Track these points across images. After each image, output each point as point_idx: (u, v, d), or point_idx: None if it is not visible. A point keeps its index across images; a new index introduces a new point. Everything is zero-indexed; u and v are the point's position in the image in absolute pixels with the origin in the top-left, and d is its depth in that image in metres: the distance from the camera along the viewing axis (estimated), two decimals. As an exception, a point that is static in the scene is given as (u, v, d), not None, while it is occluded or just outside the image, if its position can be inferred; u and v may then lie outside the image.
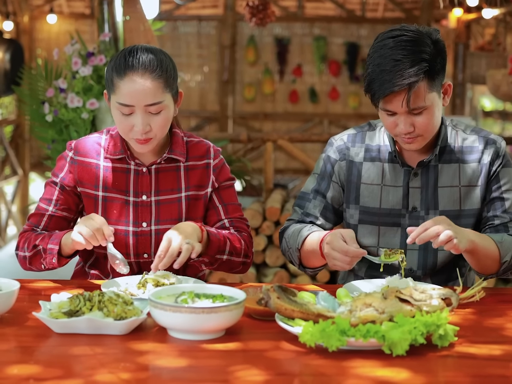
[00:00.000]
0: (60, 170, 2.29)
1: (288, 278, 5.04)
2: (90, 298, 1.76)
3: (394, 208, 2.28)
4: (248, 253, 2.30)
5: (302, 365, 1.59)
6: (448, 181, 2.27)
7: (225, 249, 2.21)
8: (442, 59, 2.13)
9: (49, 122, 4.50)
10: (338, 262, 2.05)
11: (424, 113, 2.12)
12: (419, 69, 2.06)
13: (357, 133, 2.36)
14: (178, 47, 9.64)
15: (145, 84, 2.11)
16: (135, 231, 2.25)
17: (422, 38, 2.11)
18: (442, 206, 2.26)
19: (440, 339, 1.65)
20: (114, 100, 2.15)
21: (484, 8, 7.76)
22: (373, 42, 2.17)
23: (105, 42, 4.55)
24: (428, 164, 2.27)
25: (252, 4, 6.51)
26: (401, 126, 2.14)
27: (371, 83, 2.11)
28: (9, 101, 9.14)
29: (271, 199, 5.35)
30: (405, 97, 2.07)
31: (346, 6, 9.72)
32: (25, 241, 2.25)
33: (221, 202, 2.33)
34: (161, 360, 1.58)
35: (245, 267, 2.32)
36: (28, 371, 1.50)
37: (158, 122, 2.15)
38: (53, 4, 9.25)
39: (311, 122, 9.83)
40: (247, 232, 2.34)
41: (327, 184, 2.35)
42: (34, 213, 2.30)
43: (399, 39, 2.09)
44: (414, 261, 2.28)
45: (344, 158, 2.33)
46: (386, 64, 2.08)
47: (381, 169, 2.30)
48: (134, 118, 2.13)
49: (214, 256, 2.18)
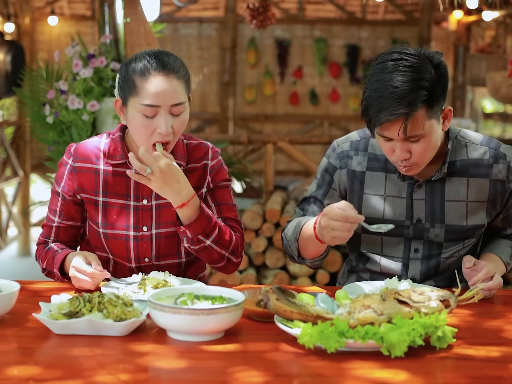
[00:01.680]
0: (61, 178, 2.30)
1: (288, 280, 5.04)
2: (90, 299, 1.77)
3: (397, 219, 2.24)
4: (236, 251, 2.25)
5: (301, 366, 1.60)
6: (456, 195, 2.22)
7: (211, 234, 2.15)
8: (442, 85, 2.05)
9: (50, 123, 4.50)
10: (337, 232, 1.94)
11: (421, 140, 2.06)
12: (417, 97, 1.98)
13: (360, 139, 2.31)
14: (179, 49, 9.64)
15: (171, 84, 2.10)
16: (135, 235, 2.25)
17: (423, 63, 2.02)
18: (449, 221, 2.23)
19: (438, 340, 1.66)
20: (137, 103, 2.10)
21: (484, 10, 7.77)
22: (373, 62, 2.10)
23: (106, 44, 4.56)
24: None
25: (253, 6, 6.52)
26: (397, 152, 2.08)
27: (367, 109, 2.04)
28: (10, 103, 9.14)
29: (271, 201, 5.36)
30: (402, 125, 2.01)
31: (347, 8, 9.73)
32: (39, 256, 2.34)
33: (214, 202, 2.30)
34: (161, 361, 1.58)
35: (230, 266, 2.26)
36: (28, 372, 1.51)
37: (178, 124, 2.13)
38: (54, 6, 9.27)
39: (311, 124, 9.83)
40: (240, 233, 2.31)
41: (326, 191, 2.33)
42: (45, 224, 2.36)
43: (399, 63, 2.01)
44: (417, 270, 2.27)
45: (345, 167, 2.30)
46: (384, 90, 2.00)
47: (384, 179, 2.26)
48: (157, 120, 2.10)
49: (197, 236, 2.14)
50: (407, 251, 2.26)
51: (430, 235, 2.24)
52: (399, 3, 9.46)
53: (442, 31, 10.02)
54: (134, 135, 2.17)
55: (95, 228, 2.27)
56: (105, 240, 2.27)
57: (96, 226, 2.26)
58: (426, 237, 2.25)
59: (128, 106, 2.14)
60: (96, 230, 2.27)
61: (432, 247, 2.26)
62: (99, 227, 2.26)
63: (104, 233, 2.26)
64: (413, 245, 2.26)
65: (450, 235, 2.24)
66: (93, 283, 2.06)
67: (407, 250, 2.26)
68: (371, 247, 2.30)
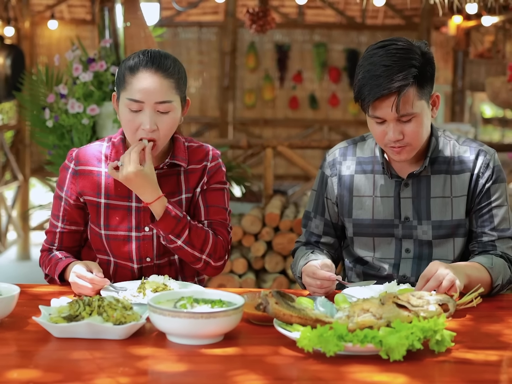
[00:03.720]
0: (63, 182, 2.31)
1: (287, 284, 5.04)
2: (89, 303, 1.77)
3: (386, 219, 2.29)
4: (214, 254, 2.25)
5: (300, 370, 1.60)
6: (441, 191, 2.27)
7: (181, 234, 2.19)
8: (431, 68, 2.15)
9: (49, 127, 4.51)
10: (311, 288, 2.13)
11: (413, 120, 2.13)
12: (408, 73, 2.08)
13: (348, 146, 2.38)
14: (179, 53, 9.65)
15: (157, 81, 2.15)
16: (137, 236, 2.27)
17: (412, 47, 2.13)
18: (434, 216, 2.26)
19: (437, 344, 1.66)
20: (124, 97, 2.17)
21: (483, 16, 7.79)
22: (363, 54, 2.19)
23: (106, 48, 4.57)
24: (419, 175, 2.27)
25: (253, 10, 6.54)
26: (390, 133, 2.14)
27: (361, 89, 2.13)
28: (10, 107, 9.15)
29: (271, 205, 5.36)
30: (394, 101, 2.08)
31: (346, 13, 9.75)
32: (43, 263, 2.36)
33: (204, 204, 2.31)
34: (160, 365, 1.59)
35: (209, 268, 2.26)
36: (28, 375, 1.51)
37: (165, 122, 2.16)
38: (54, 10, 9.28)
39: (311, 128, 9.84)
40: (224, 236, 2.30)
41: (323, 202, 2.39)
42: (49, 230, 2.38)
43: (389, 47, 2.12)
44: (408, 268, 2.29)
45: (335, 174, 2.36)
46: (376, 70, 2.10)
47: (372, 180, 2.31)
48: (142, 116, 2.15)
49: (168, 235, 2.19)
50: (399, 251, 2.28)
51: (419, 233, 2.27)
52: (398, 8, 9.47)
53: (442, 36, 10.04)
54: (124, 130, 2.24)
55: (97, 230, 2.28)
56: (107, 242, 2.28)
57: (98, 228, 2.28)
58: (415, 235, 2.28)
59: (119, 100, 2.22)
60: (98, 232, 2.28)
61: (422, 246, 2.28)
62: (101, 229, 2.27)
63: (106, 235, 2.27)
64: (404, 245, 2.29)
65: (437, 231, 2.26)
66: (92, 289, 2.07)
67: (398, 250, 2.29)
68: (364, 250, 2.32)
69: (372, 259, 2.32)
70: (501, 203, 2.27)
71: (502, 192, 2.28)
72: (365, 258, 2.33)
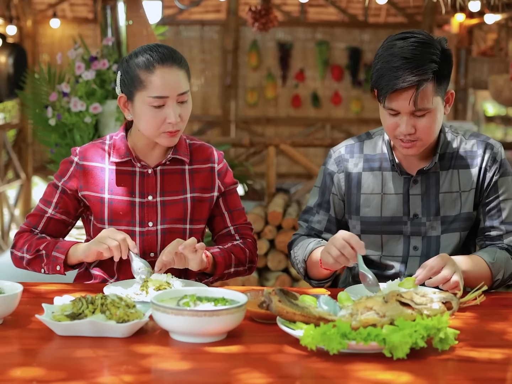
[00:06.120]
0: (63, 173, 2.31)
1: (290, 282, 5.04)
2: (92, 301, 1.77)
3: (395, 216, 2.28)
4: (253, 258, 2.38)
5: (303, 368, 1.60)
6: (449, 187, 2.27)
7: (231, 263, 2.28)
8: (449, 66, 2.14)
9: (52, 126, 4.51)
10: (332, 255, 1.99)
11: (427, 116, 2.12)
12: (428, 67, 2.07)
13: (355, 143, 2.36)
14: (181, 51, 9.45)
15: (176, 74, 2.19)
16: (141, 231, 2.27)
17: (432, 41, 2.11)
18: (443, 212, 2.26)
19: (440, 342, 1.66)
20: (145, 96, 2.17)
21: (486, 14, 7.78)
22: (382, 43, 2.17)
23: (108, 46, 4.57)
24: (428, 171, 2.27)
25: (255, 9, 6.54)
26: (402, 126, 2.13)
27: (379, 79, 2.11)
28: (12, 105, 9.17)
29: (273, 203, 5.36)
30: (412, 95, 2.07)
31: (349, 11, 9.75)
32: (25, 242, 2.27)
33: (227, 209, 2.39)
34: (163, 363, 1.59)
35: (251, 271, 2.41)
36: (31, 373, 1.51)
37: (185, 111, 2.21)
38: (56, 8, 9.29)
39: (313, 126, 9.84)
40: (251, 237, 2.41)
41: (328, 197, 2.36)
42: (33, 213, 2.33)
43: (410, 40, 2.10)
44: (415, 267, 2.27)
45: (342, 170, 2.34)
46: (396, 61, 2.08)
47: (380, 178, 2.30)
48: (165, 110, 2.18)
49: (222, 273, 2.25)
50: (407, 249, 2.28)
51: (427, 229, 2.27)
52: (401, 6, 9.47)
53: (444, 34, 10.03)
54: (144, 128, 2.21)
55: (100, 226, 2.28)
56: None
57: (102, 223, 2.28)
58: (424, 232, 2.27)
59: (134, 100, 2.20)
60: (102, 228, 2.27)
61: (430, 243, 2.27)
62: (105, 224, 2.27)
63: None
64: (412, 242, 2.28)
65: (446, 226, 2.26)
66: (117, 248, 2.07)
67: (407, 248, 2.28)
68: (370, 248, 2.31)
69: (379, 257, 2.31)
70: (508, 196, 2.28)
71: (509, 185, 2.28)
72: (371, 257, 2.31)
